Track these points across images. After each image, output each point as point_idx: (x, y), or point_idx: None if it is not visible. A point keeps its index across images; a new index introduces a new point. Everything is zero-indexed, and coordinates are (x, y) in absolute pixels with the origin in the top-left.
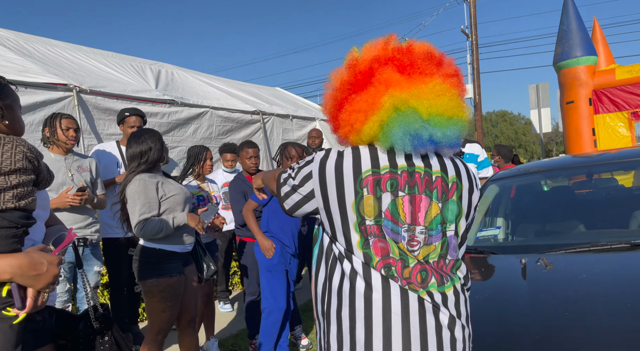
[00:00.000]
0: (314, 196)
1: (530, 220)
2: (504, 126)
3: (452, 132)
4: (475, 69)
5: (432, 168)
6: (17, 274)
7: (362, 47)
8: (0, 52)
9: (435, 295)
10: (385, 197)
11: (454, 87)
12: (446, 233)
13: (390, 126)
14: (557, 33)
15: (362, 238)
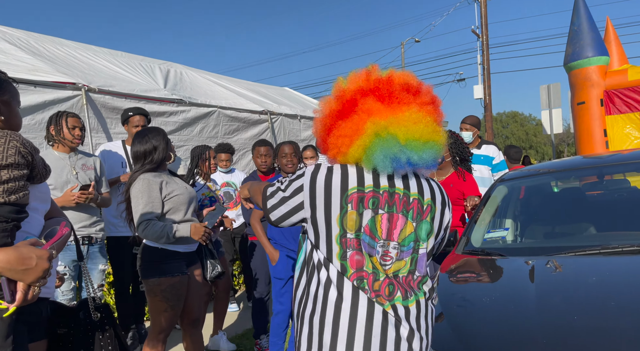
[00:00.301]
0: (303, 207)
1: (540, 222)
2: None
3: (428, 155)
4: (485, 69)
5: (410, 190)
6: (6, 269)
7: (347, 78)
8: (12, 52)
9: (399, 309)
10: (366, 213)
11: (429, 114)
12: (418, 250)
13: (372, 149)
14: (568, 33)
15: (342, 250)
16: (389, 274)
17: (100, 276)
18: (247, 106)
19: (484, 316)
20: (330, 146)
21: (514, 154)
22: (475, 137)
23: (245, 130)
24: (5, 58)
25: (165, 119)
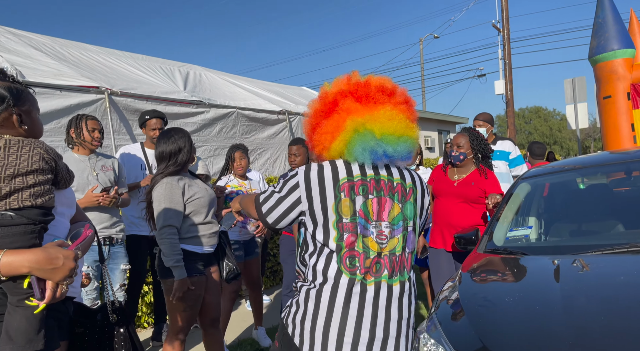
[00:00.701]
0: (300, 202)
1: (565, 220)
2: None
3: (402, 148)
4: (507, 64)
5: (393, 176)
6: (35, 268)
7: (332, 82)
8: (38, 57)
9: (382, 286)
10: (358, 199)
11: (402, 112)
12: (407, 228)
13: (352, 144)
14: (592, 26)
15: (339, 233)
16: (383, 253)
17: (122, 275)
18: (265, 106)
19: (507, 316)
20: (315, 143)
21: (537, 150)
22: (489, 134)
23: (263, 130)
24: (32, 63)
25: (185, 120)
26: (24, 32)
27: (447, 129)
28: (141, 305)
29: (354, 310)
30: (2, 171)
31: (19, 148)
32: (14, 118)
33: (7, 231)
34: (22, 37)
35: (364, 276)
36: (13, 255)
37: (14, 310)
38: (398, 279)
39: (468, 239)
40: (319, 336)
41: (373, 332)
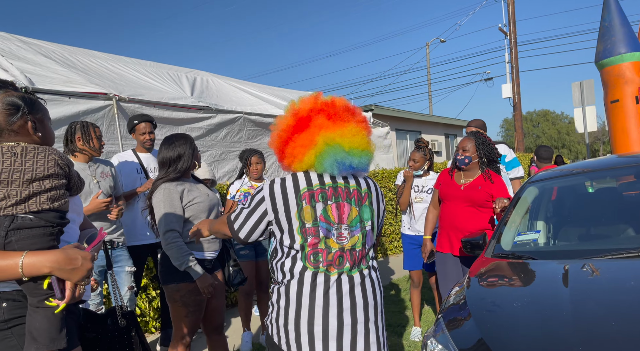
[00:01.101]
0: (267, 213)
1: (573, 223)
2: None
3: (365, 160)
4: (514, 68)
5: (349, 183)
6: (56, 269)
7: (298, 101)
8: (47, 65)
9: (343, 278)
10: (318, 206)
11: (364, 129)
12: (365, 228)
13: (323, 156)
14: (599, 30)
15: (303, 238)
16: (345, 248)
17: (128, 278)
18: (271, 111)
19: (515, 321)
20: (287, 155)
21: (544, 154)
22: None
23: (268, 135)
24: (42, 71)
25: (192, 125)
26: (34, 40)
27: (454, 133)
28: (149, 310)
29: (320, 299)
30: (20, 176)
31: (35, 154)
32: (29, 125)
33: (27, 233)
34: (32, 45)
35: (327, 268)
36: (35, 256)
37: (34, 311)
38: (357, 270)
39: (475, 243)
40: (292, 329)
41: (341, 319)
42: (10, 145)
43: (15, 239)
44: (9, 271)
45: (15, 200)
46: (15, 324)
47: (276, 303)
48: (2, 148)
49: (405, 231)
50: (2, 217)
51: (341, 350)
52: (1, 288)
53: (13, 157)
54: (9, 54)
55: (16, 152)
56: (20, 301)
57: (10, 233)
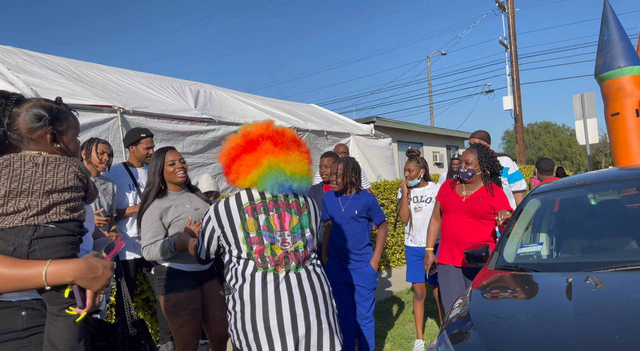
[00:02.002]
0: (215, 230)
1: (576, 236)
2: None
3: (304, 184)
4: (514, 80)
5: (289, 197)
6: (78, 277)
7: (252, 125)
8: (53, 78)
9: (291, 275)
10: (261, 217)
11: (306, 158)
12: (305, 234)
13: (265, 177)
14: (598, 44)
15: (248, 247)
16: (289, 251)
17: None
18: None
19: (518, 334)
20: (232, 171)
21: (545, 165)
22: None
23: None
24: (48, 84)
25: (196, 138)
26: (40, 54)
27: (455, 144)
28: (153, 323)
29: (272, 295)
30: (41, 187)
31: (56, 165)
32: (47, 136)
33: (50, 241)
34: (38, 59)
35: (274, 267)
36: (58, 265)
37: (54, 319)
38: (303, 267)
39: (478, 255)
40: (250, 329)
41: (293, 311)
42: (32, 155)
43: (39, 248)
44: (33, 280)
45: (37, 210)
46: (34, 333)
47: (232, 309)
48: (23, 157)
49: (408, 243)
50: (25, 226)
51: (297, 340)
52: (21, 296)
53: (34, 168)
54: (15, 68)
55: (37, 163)
56: (39, 310)
57: (34, 241)
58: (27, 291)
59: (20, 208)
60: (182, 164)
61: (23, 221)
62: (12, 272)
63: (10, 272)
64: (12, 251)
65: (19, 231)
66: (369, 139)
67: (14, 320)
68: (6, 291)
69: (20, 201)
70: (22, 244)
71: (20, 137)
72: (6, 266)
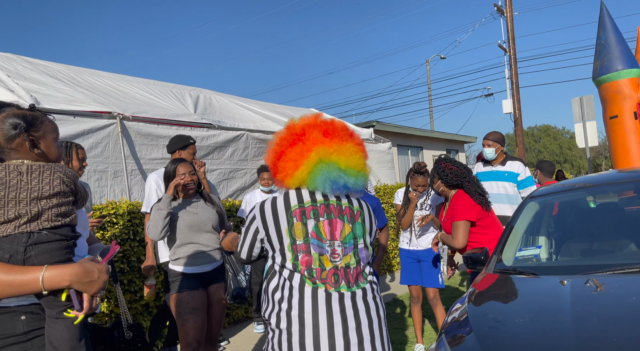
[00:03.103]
0: (259, 231)
1: (575, 239)
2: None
3: (360, 182)
4: (514, 83)
5: (341, 201)
6: (75, 281)
7: (298, 118)
8: (53, 84)
9: (345, 295)
10: (310, 222)
11: (361, 151)
12: (357, 246)
13: (316, 172)
14: (595, 47)
15: (294, 255)
16: (339, 266)
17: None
18: (273, 128)
19: (517, 337)
20: (279, 169)
21: (548, 167)
22: (499, 154)
23: None
24: (48, 90)
25: (198, 143)
26: (40, 61)
27: (455, 148)
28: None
29: (323, 316)
30: (27, 195)
31: (40, 173)
32: (26, 144)
33: (45, 247)
34: (38, 66)
35: (324, 285)
36: (54, 270)
37: (54, 322)
38: (357, 287)
39: (477, 259)
40: None
41: (347, 337)
42: (16, 164)
43: (35, 254)
44: (31, 285)
45: (27, 218)
46: (35, 336)
47: (276, 327)
48: (8, 167)
49: (403, 246)
50: (19, 234)
51: None
52: (19, 301)
53: (19, 176)
54: (15, 75)
55: (21, 171)
56: (38, 313)
57: (29, 248)
58: (25, 296)
59: (10, 217)
60: (191, 177)
61: (16, 229)
62: (10, 278)
63: (7, 278)
64: (8, 258)
65: (14, 239)
66: (369, 143)
67: (14, 325)
68: (5, 297)
69: (8, 210)
70: (17, 251)
71: (1, 148)
72: (3, 273)
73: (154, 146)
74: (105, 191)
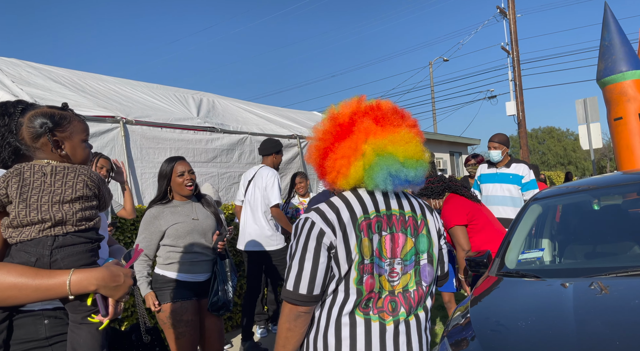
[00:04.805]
0: (332, 246)
1: (578, 241)
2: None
3: (420, 173)
4: (517, 85)
5: (404, 209)
6: (101, 286)
7: (339, 105)
8: (57, 89)
9: (400, 324)
10: (375, 238)
11: (416, 135)
12: (419, 262)
13: (374, 168)
14: (599, 49)
15: (359, 275)
16: (396, 291)
17: None
18: (277, 131)
19: (519, 341)
20: (328, 170)
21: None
22: (504, 156)
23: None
24: (51, 95)
25: (203, 146)
26: (44, 66)
27: (459, 150)
28: None
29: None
30: (49, 199)
31: (64, 175)
32: (50, 144)
33: (70, 250)
34: (42, 71)
35: (379, 315)
36: (81, 274)
37: (78, 327)
38: (413, 314)
39: (480, 261)
40: None
41: None
42: (41, 164)
43: (61, 257)
44: (57, 290)
45: (51, 223)
46: (56, 341)
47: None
48: (33, 167)
49: None
50: (44, 237)
51: None
52: (43, 305)
53: (43, 177)
54: (19, 80)
55: (45, 172)
56: (61, 318)
57: (55, 251)
58: (50, 300)
59: (34, 220)
60: (190, 176)
61: (40, 233)
62: (37, 282)
63: (34, 282)
64: (35, 261)
65: (39, 242)
66: None
67: (37, 329)
68: (31, 302)
69: (31, 212)
70: (43, 255)
71: (27, 146)
72: (30, 277)
73: (160, 149)
74: None
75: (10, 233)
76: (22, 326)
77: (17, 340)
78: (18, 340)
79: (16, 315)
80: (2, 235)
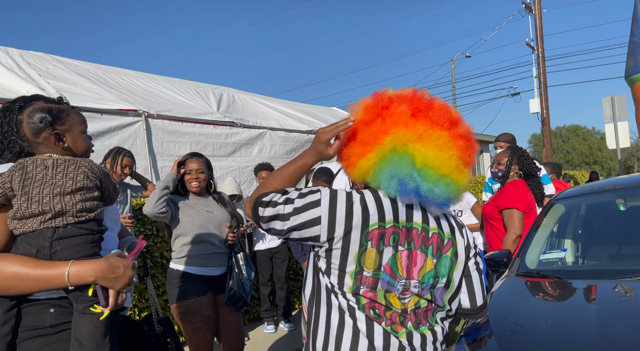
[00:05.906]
0: (319, 223)
1: (601, 242)
2: (576, 142)
3: (440, 191)
4: (542, 82)
5: (429, 224)
6: (100, 277)
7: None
8: (82, 83)
9: (414, 336)
10: (387, 251)
11: (458, 149)
12: (436, 285)
13: (382, 165)
14: (628, 45)
15: (355, 285)
16: (408, 309)
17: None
18: (295, 126)
19: (539, 342)
20: (344, 156)
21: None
22: None
23: (300, 150)
24: (76, 89)
25: (222, 140)
26: (70, 60)
27: (480, 148)
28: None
29: None
30: (50, 191)
31: (65, 167)
32: (51, 137)
33: (70, 241)
34: (68, 65)
35: (391, 327)
36: (80, 265)
37: (80, 317)
38: (427, 328)
39: (499, 260)
40: None
41: None
42: (43, 158)
43: (60, 248)
44: (57, 280)
45: (52, 214)
46: (62, 329)
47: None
48: (35, 161)
49: None
50: (45, 229)
51: None
52: (49, 294)
53: (45, 171)
54: (46, 74)
55: (47, 166)
56: (66, 307)
57: (55, 243)
58: (54, 290)
59: (35, 212)
60: (197, 175)
61: (41, 225)
62: (37, 273)
63: (35, 273)
64: (35, 253)
65: (40, 234)
66: None
67: (43, 317)
68: (33, 292)
69: (32, 204)
70: (43, 246)
71: (29, 142)
72: (31, 268)
73: (181, 143)
74: None
75: (15, 224)
76: (30, 314)
77: (25, 327)
78: (26, 327)
79: (24, 304)
80: (8, 227)
